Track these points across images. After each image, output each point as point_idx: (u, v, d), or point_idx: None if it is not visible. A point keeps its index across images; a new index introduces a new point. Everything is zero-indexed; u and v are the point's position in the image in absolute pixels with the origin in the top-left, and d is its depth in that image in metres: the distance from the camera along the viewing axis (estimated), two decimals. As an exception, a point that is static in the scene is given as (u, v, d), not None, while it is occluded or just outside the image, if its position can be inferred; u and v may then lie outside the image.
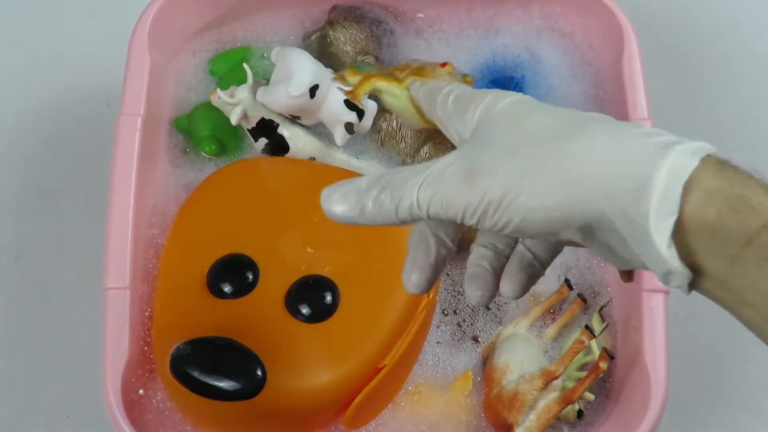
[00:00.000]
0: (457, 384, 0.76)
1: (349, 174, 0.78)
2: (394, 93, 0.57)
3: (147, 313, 0.74)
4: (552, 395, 0.73)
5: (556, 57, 0.86)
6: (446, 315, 0.79)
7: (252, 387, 0.65)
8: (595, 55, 0.85)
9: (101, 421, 0.71)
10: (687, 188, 0.39)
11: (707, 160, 0.40)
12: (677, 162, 0.40)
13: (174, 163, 0.82)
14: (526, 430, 0.72)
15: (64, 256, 0.90)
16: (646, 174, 0.40)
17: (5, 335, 0.88)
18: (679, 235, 0.40)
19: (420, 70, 0.58)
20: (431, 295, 0.73)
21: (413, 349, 0.74)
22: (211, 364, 0.65)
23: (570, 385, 0.74)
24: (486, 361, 0.77)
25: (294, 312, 0.70)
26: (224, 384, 0.65)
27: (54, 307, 0.88)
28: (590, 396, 0.75)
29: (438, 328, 0.78)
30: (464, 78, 0.60)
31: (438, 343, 0.78)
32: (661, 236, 0.40)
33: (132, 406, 0.71)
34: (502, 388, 0.73)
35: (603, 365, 0.72)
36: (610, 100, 0.83)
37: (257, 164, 0.79)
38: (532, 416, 0.72)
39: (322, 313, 0.70)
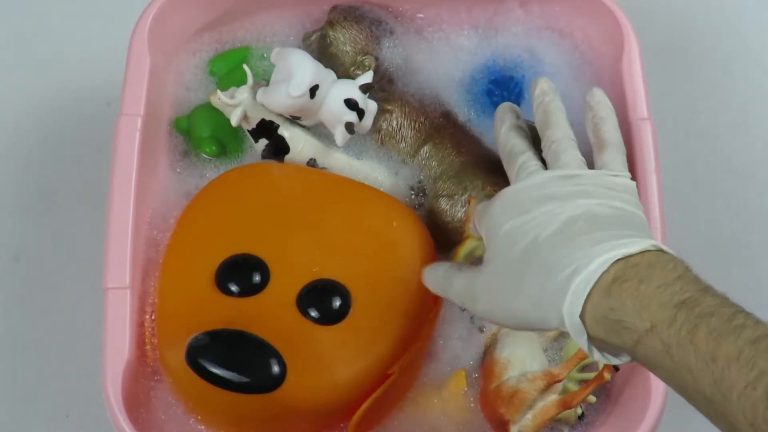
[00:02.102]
0: (450, 384, 0.76)
1: (361, 186, 0.78)
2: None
3: (147, 314, 0.74)
4: (551, 397, 0.73)
5: (556, 57, 0.86)
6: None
7: (270, 381, 0.65)
8: (595, 54, 0.85)
9: (101, 421, 0.71)
10: (582, 317, 0.55)
11: (596, 288, 0.55)
12: (573, 300, 0.55)
13: (174, 164, 0.82)
14: (521, 428, 0.72)
15: (64, 256, 0.90)
16: (559, 313, 0.56)
17: (5, 335, 0.88)
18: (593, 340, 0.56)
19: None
20: (438, 306, 0.74)
21: (419, 357, 0.74)
22: (230, 355, 0.65)
23: (571, 386, 0.74)
24: (486, 352, 0.77)
25: (305, 314, 0.70)
26: (242, 377, 0.64)
27: (54, 307, 0.88)
28: (592, 398, 0.75)
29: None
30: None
31: (432, 344, 0.78)
32: (582, 343, 0.56)
33: (132, 406, 0.71)
34: (501, 383, 0.73)
35: (607, 376, 0.72)
36: (610, 100, 0.83)
37: (270, 168, 0.79)
38: (529, 416, 0.72)
39: (333, 317, 0.70)
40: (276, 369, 0.65)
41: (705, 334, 0.51)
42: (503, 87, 0.84)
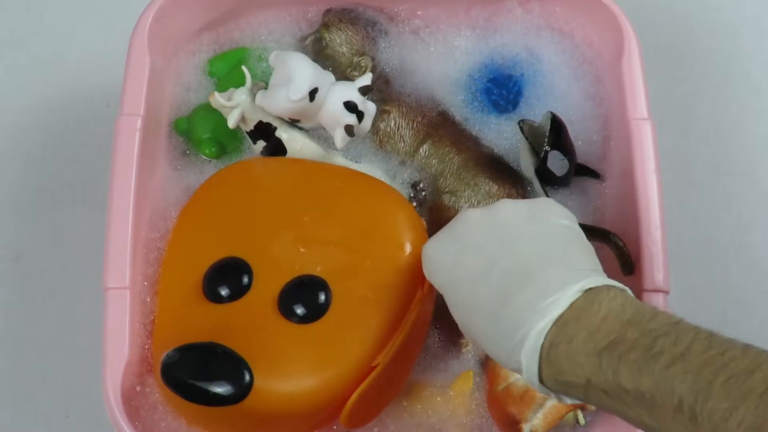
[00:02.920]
0: (457, 384, 0.76)
1: (342, 171, 0.78)
2: None
3: (147, 314, 0.74)
4: (560, 397, 0.73)
5: (556, 56, 0.86)
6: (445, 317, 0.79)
7: (239, 391, 0.65)
8: (594, 54, 0.85)
9: (101, 421, 0.71)
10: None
11: (542, 360, 0.57)
12: (529, 374, 0.58)
13: (174, 164, 0.82)
14: (532, 427, 0.72)
15: (64, 256, 0.90)
16: (518, 358, 0.58)
17: (5, 335, 0.88)
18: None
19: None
20: (425, 289, 0.73)
21: (410, 345, 0.74)
22: (199, 369, 0.65)
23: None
24: (489, 356, 0.77)
25: (286, 313, 0.70)
26: (212, 389, 0.65)
27: (54, 307, 0.89)
28: (591, 406, 0.75)
29: (437, 328, 0.78)
30: None
31: (437, 343, 0.78)
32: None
33: (132, 406, 0.71)
34: (510, 384, 0.74)
35: None
36: (609, 99, 0.83)
37: (251, 166, 0.79)
38: (540, 415, 0.73)
39: (314, 313, 0.70)
40: (244, 380, 0.66)
41: (626, 373, 0.53)
42: (502, 86, 0.84)
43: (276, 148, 0.79)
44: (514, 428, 0.73)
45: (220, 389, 0.65)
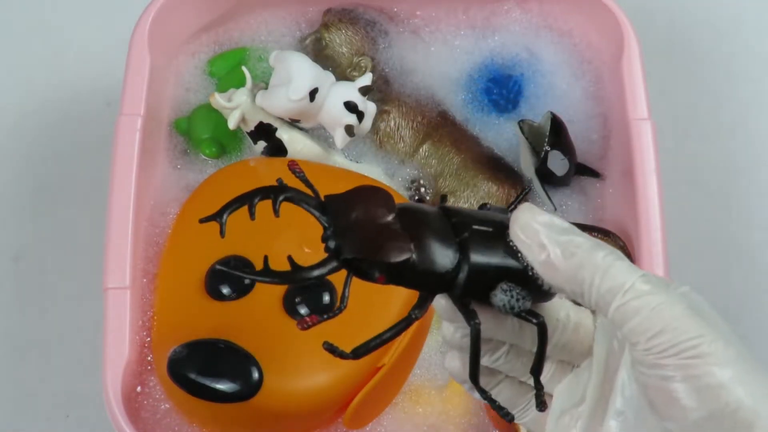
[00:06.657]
0: (453, 383, 0.76)
1: (346, 174, 0.78)
2: None
3: (147, 313, 0.74)
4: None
5: (555, 55, 0.86)
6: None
7: (249, 388, 0.65)
8: (594, 53, 0.85)
9: (101, 421, 0.71)
10: None
11: None
12: None
13: (174, 163, 0.82)
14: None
15: (64, 256, 0.90)
16: None
17: (5, 335, 0.88)
18: None
19: None
20: None
21: (413, 347, 0.74)
22: (208, 366, 0.65)
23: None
24: None
25: (291, 312, 0.70)
26: (221, 386, 0.65)
27: (54, 307, 0.88)
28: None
29: (435, 328, 0.78)
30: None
31: (435, 343, 0.78)
32: None
33: (132, 406, 0.71)
34: None
35: None
36: (609, 99, 0.83)
37: (255, 165, 0.79)
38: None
39: (319, 313, 0.70)
40: (253, 378, 0.65)
41: None
42: (502, 85, 0.84)
43: (277, 149, 0.79)
44: (511, 428, 0.73)
45: (229, 386, 0.65)
